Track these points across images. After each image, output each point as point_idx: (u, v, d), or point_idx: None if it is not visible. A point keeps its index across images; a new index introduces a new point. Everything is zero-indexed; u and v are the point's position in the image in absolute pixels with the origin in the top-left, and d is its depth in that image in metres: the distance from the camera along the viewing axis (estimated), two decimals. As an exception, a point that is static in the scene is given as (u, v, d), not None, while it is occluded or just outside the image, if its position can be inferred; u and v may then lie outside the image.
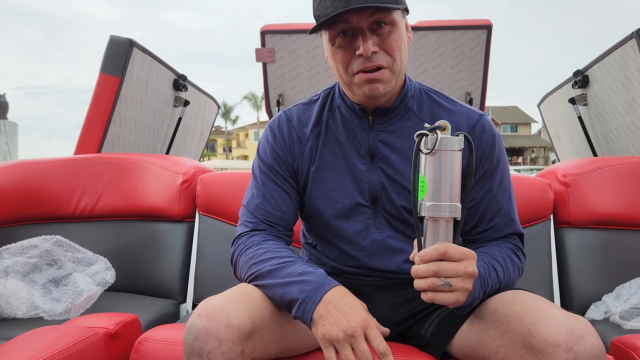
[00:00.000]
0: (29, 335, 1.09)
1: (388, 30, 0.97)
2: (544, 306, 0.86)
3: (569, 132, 2.70)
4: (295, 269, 0.94)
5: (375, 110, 1.06)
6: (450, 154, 0.81)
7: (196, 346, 0.84)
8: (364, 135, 1.07)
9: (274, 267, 0.95)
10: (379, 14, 0.95)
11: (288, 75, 2.63)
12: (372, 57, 0.96)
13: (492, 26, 2.44)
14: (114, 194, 1.76)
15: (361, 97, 1.02)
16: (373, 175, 1.06)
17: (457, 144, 0.82)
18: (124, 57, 2.01)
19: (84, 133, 2.03)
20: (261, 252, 0.99)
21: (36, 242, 1.51)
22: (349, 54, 0.98)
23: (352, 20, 0.94)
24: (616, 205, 1.59)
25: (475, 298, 0.89)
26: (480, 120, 1.06)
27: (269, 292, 0.94)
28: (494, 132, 1.07)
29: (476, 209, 1.06)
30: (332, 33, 0.98)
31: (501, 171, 1.07)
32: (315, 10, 0.98)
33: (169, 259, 1.70)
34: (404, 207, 1.06)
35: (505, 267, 0.98)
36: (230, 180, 1.72)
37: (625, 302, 1.43)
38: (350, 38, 0.97)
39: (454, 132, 1.05)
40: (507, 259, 1.00)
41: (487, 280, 0.92)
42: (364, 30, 0.95)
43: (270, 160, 1.10)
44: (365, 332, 0.85)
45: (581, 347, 0.78)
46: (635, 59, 1.86)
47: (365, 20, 0.95)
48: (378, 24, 0.96)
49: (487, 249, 1.01)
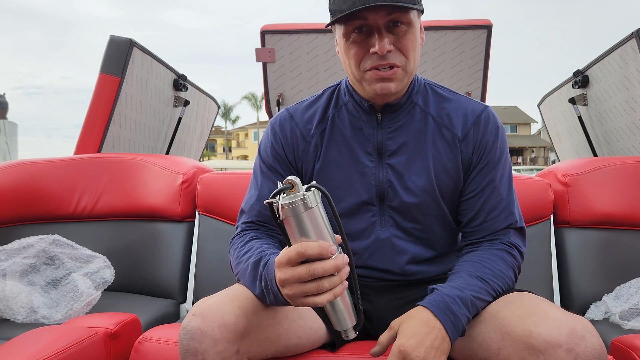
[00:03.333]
0: (29, 335, 1.09)
1: (404, 29, 0.97)
2: (545, 307, 0.86)
3: (569, 132, 2.70)
4: (253, 261, 0.93)
5: (384, 107, 1.06)
6: (305, 214, 0.74)
7: (191, 346, 0.84)
8: (372, 131, 1.07)
9: (245, 266, 0.95)
10: (396, 13, 0.94)
11: (288, 75, 2.63)
12: (387, 55, 0.96)
13: (492, 26, 2.44)
14: (114, 194, 1.76)
15: (372, 94, 1.02)
16: (380, 172, 1.06)
17: (308, 201, 0.73)
18: (124, 57, 2.01)
19: (84, 133, 2.03)
20: (243, 253, 0.99)
21: (32, 241, 1.50)
22: (362, 51, 0.97)
23: (369, 17, 0.94)
24: (616, 205, 1.59)
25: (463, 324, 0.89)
26: (485, 111, 1.07)
27: (251, 290, 0.94)
28: (497, 123, 1.08)
29: (476, 199, 1.05)
30: (347, 28, 0.98)
31: (503, 163, 1.07)
32: (331, 4, 0.97)
33: (169, 259, 1.69)
34: (412, 203, 1.06)
35: (497, 271, 0.97)
36: (230, 180, 1.72)
37: (625, 302, 1.43)
38: (365, 35, 0.97)
39: (460, 124, 1.05)
40: (500, 262, 0.99)
41: (474, 297, 0.91)
42: (380, 28, 0.95)
43: (271, 159, 1.10)
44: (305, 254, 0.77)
45: (582, 347, 0.78)
46: (635, 59, 1.86)
47: (382, 19, 0.94)
48: (394, 23, 0.95)
49: (476, 257, 1.00)
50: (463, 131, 1.06)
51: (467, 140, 1.06)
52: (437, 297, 0.90)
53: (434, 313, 0.87)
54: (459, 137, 1.06)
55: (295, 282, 0.77)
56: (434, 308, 0.88)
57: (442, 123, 1.07)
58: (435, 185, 1.05)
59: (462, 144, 1.05)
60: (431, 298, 0.91)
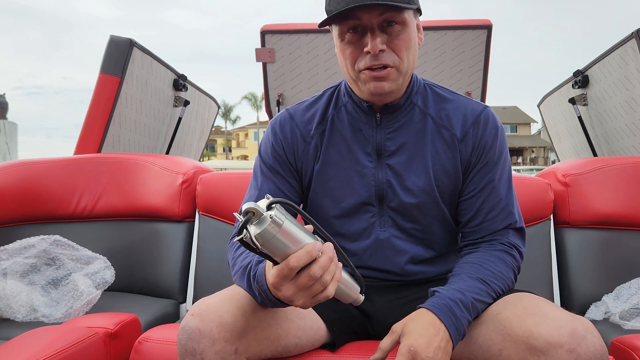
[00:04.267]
0: (29, 335, 1.09)
1: (398, 29, 0.97)
2: (546, 307, 0.86)
3: (569, 132, 2.70)
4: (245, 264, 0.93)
5: (383, 108, 1.06)
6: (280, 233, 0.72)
7: (189, 346, 0.85)
8: (371, 132, 1.07)
9: (240, 268, 0.94)
10: (390, 13, 0.95)
11: (288, 75, 2.63)
12: (380, 55, 0.96)
13: (492, 26, 2.44)
14: (114, 194, 1.76)
15: (367, 94, 1.02)
16: (380, 173, 1.06)
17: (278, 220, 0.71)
18: (124, 57, 2.01)
19: (84, 133, 2.04)
20: (239, 254, 0.98)
21: (33, 241, 1.50)
22: (357, 51, 0.98)
23: (363, 17, 0.94)
24: (616, 205, 1.59)
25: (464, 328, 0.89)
26: (484, 111, 1.08)
27: (248, 293, 0.93)
28: (497, 123, 1.08)
29: (475, 199, 1.05)
30: (342, 28, 0.98)
31: (503, 163, 1.07)
32: (328, 5, 0.98)
33: (169, 259, 1.69)
34: (411, 204, 1.06)
35: (497, 273, 0.97)
36: (230, 180, 1.72)
37: (625, 302, 1.43)
38: (359, 34, 0.97)
39: (459, 125, 1.05)
40: (500, 263, 0.99)
41: (475, 299, 0.91)
42: (373, 27, 0.95)
43: (271, 160, 1.10)
44: None
45: (583, 347, 0.78)
46: (635, 59, 1.87)
47: (375, 18, 0.95)
48: (389, 22, 0.96)
49: (476, 258, 1.00)
50: (462, 131, 1.06)
51: (466, 140, 1.06)
52: (440, 300, 0.90)
53: (438, 316, 0.87)
54: (458, 137, 1.06)
55: (300, 291, 0.77)
56: (438, 311, 0.88)
57: (441, 123, 1.07)
58: (435, 186, 1.05)
59: (461, 144, 1.06)
60: (434, 301, 0.90)
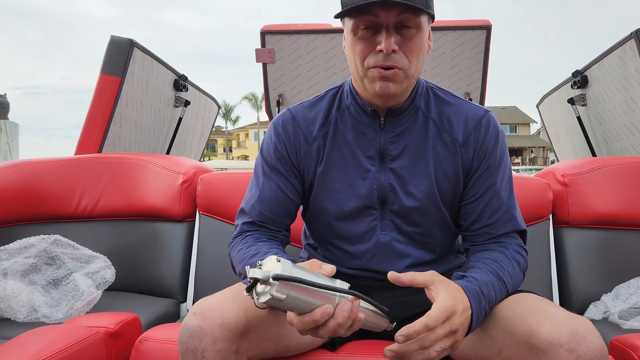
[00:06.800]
0: (29, 335, 1.09)
1: (412, 33, 0.96)
2: (547, 307, 0.86)
3: (568, 132, 2.70)
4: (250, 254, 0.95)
5: (387, 111, 1.05)
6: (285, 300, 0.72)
7: (190, 344, 0.85)
8: (374, 136, 1.06)
9: (246, 256, 0.96)
10: (407, 14, 0.94)
11: (288, 76, 2.63)
12: (391, 56, 0.95)
13: (492, 27, 2.44)
14: (114, 194, 1.77)
15: (371, 93, 1.01)
16: (382, 177, 1.06)
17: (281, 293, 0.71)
18: (125, 58, 2.01)
19: (85, 133, 2.04)
20: (251, 254, 0.98)
21: (33, 241, 1.50)
22: (368, 47, 0.97)
23: (380, 14, 0.93)
24: (615, 205, 1.60)
25: (482, 317, 0.88)
26: (486, 116, 1.08)
27: None
28: (498, 128, 1.08)
29: (477, 203, 1.06)
30: (356, 23, 0.97)
31: (504, 167, 1.07)
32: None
33: (169, 259, 1.70)
34: (413, 208, 1.06)
35: (513, 275, 0.97)
36: (230, 180, 1.72)
37: (624, 302, 1.44)
38: (373, 32, 0.96)
39: (461, 129, 1.05)
40: (515, 265, 0.99)
41: (494, 297, 0.90)
42: (389, 27, 0.94)
43: (273, 159, 1.10)
44: None
45: (584, 347, 0.78)
46: (634, 60, 1.87)
47: (393, 18, 0.94)
48: (404, 24, 0.95)
49: (494, 256, 0.99)
50: (464, 136, 1.06)
51: (468, 145, 1.05)
52: (472, 285, 0.88)
53: (470, 299, 0.85)
54: (459, 141, 1.06)
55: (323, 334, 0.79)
56: (470, 294, 0.85)
57: (442, 127, 1.07)
58: (436, 190, 1.05)
59: (463, 148, 1.05)
60: (466, 284, 0.87)
